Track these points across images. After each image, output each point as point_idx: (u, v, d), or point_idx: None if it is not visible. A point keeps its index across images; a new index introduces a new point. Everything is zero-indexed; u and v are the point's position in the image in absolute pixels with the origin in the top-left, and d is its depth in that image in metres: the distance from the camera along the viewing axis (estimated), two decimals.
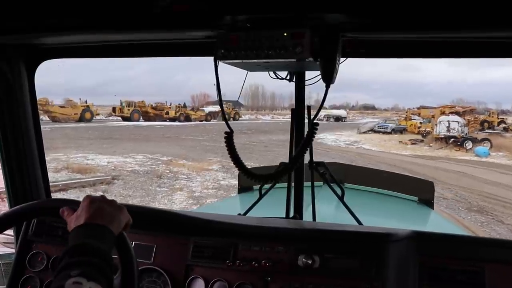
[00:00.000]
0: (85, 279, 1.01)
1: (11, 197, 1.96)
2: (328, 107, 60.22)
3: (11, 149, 1.90)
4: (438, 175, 15.64)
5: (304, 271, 1.54)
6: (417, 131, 33.34)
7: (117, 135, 26.54)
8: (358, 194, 3.56)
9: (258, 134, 29.27)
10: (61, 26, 1.47)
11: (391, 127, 35.41)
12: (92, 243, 1.12)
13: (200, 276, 1.63)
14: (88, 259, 1.07)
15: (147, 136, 26.51)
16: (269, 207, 2.23)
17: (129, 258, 1.27)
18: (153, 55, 1.87)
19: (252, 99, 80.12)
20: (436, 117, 31.38)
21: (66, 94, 42.99)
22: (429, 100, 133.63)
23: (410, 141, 29.28)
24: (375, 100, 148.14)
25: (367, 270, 1.49)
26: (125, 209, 1.27)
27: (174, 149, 20.58)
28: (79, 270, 1.02)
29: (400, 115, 48.13)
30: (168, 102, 46.28)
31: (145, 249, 1.71)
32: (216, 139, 24.18)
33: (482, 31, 1.28)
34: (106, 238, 1.16)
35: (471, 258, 1.52)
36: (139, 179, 13.84)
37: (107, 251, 1.12)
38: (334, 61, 1.37)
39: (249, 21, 1.34)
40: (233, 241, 1.64)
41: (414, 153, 24.01)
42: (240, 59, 1.36)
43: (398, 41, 1.52)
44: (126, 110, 41.22)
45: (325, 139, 29.41)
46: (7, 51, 1.76)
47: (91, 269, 1.04)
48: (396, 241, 1.55)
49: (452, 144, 26.94)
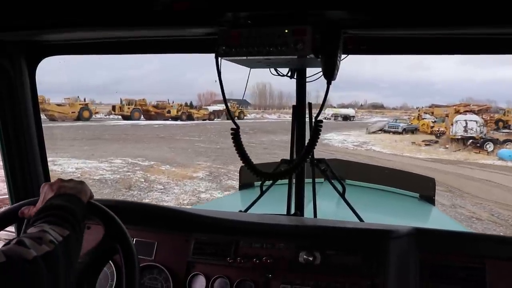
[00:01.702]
0: (47, 224, 1.02)
1: (12, 194, 1.96)
2: (336, 106, 58.77)
3: (12, 146, 1.90)
4: (463, 185, 13.43)
5: (305, 267, 1.54)
6: (429, 131, 31.46)
7: (108, 135, 24.89)
8: (359, 191, 3.56)
9: (261, 134, 27.86)
10: (62, 22, 1.47)
11: (402, 127, 33.44)
12: (55, 202, 1.14)
13: (201, 273, 1.63)
14: (52, 212, 1.09)
15: (139, 137, 24.81)
16: (270, 204, 2.23)
17: (131, 254, 1.28)
18: (154, 52, 1.87)
19: (259, 97, 79.25)
20: (450, 116, 29.28)
21: (75, 93, 42.25)
22: (437, 99, 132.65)
23: (424, 142, 26.88)
24: (383, 99, 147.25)
25: (368, 267, 1.49)
26: (84, 182, 1.29)
27: (162, 151, 18.92)
28: (42, 220, 1.05)
29: (409, 114, 46.37)
30: (178, 100, 44.88)
31: (146, 245, 1.71)
32: (213, 140, 23.13)
33: (484, 27, 1.27)
34: (73, 201, 1.17)
35: (472, 254, 1.52)
36: (103, 190, 11.70)
37: (73, 208, 1.13)
38: (335, 57, 1.37)
39: (250, 17, 1.34)
40: (234, 238, 1.65)
41: (430, 156, 21.62)
42: (241, 56, 1.36)
43: (399, 37, 1.51)
44: (126, 109, 40.07)
45: (332, 139, 27.49)
46: (8, 47, 1.76)
47: (53, 218, 1.06)
48: (397, 238, 1.55)
49: (471, 146, 24.56)
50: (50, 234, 0.99)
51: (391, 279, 1.48)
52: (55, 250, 0.96)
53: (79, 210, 1.16)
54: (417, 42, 1.53)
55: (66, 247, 1.01)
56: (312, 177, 2.07)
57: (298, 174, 2.02)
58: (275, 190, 2.17)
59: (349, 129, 35.01)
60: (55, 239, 0.98)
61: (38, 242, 0.94)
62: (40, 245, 0.94)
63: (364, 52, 1.59)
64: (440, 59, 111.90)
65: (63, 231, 1.03)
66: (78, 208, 1.16)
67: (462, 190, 12.00)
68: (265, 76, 2.52)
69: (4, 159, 1.93)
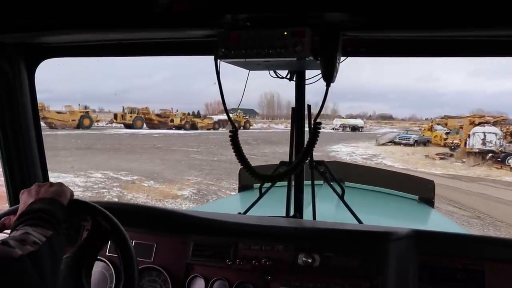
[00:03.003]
0: (29, 227, 1.04)
1: (11, 196, 1.96)
2: (345, 116, 57.76)
3: (11, 148, 1.90)
4: (493, 210, 11.06)
5: (304, 270, 1.54)
6: (443, 143, 29.22)
7: (100, 145, 22.98)
8: (358, 193, 3.56)
9: (264, 145, 26.23)
10: (61, 24, 1.47)
11: (413, 138, 31.27)
12: (35, 206, 1.14)
13: (200, 275, 1.63)
14: (31, 216, 1.09)
15: (133, 147, 22.95)
16: (269, 206, 2.23)
17: (129, 256, 1.27)
18: (154, 54, 1.87)
19: (268, 107, 78.57)
20: (465, 127, 26.63)
21: (85, 101, 41.31)
22: (446, 110, 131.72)
23: (438, 156, 24.48)
24: (392, 110, 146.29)
25: (367, 269, 1.49)
26: (63, 183, 1.28)
27: (153, 164, 17.13)
28: (23, 224, 1.06)
29: (419, 125, 44.71)
30: (187, 109, 43.34)
31: (145, 248, 1.71)
32: (212, 151, 21.44)
33: (483, 29, 1.27)
34: (52, 204, 1.17)
35: (471, 256, 1.52)
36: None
37: (53, 210, 1.14)
38: (334, 60, 1.37)
39: (250, 19, 1.34)
40: (233, 240, 1.64)
41: (446, 172, 19.29)
42: (240, 58, 1.36)
43: (398, 39, 1.52)
44: (128, 117, 38.74)
45: (340, 151, 25.32)
46: (7, 49, 1.76)
47: (35, 220, 1.07)
48: (396, 240, 1.55)
49: (491, 160, 22.16)
50: (33, 235, 1.01)
51: (390, 281, 1.48)
52: (40, 249, 0.98)
53: (59, 211, 1.17)
54: (416, 44, 1.54)
55: (50, 246, 1.02)
56: (311, 179, 2.07)
57: (297, 176, 2.02)
58: (274, 192, 2.16)
59: (357, 141, 33.16)
60: (39, 240, 1.00)
61: (22, 243, 0.96)
62: (24, 246, 0.95)
63: (363, 54, 1.59)
64: (450, 70, 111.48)
65: (45, 231, 1.04)
66: (58, 210, 1.17)
67: (493, 217, 10.05)
68: (273, 86, 2.50)
69: (3, 161, 1.92)
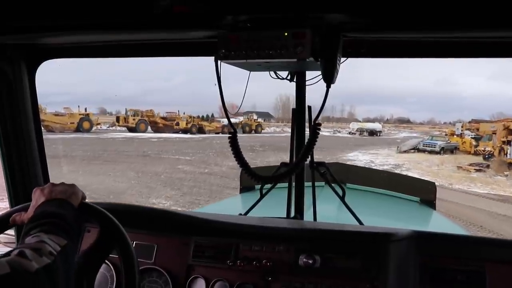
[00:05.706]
0: (44, 233, 1.04)
1: (12, 197, 1.96)
2: (362, 120, 54.45)
3: (12, 149, 1.90)
4: None
5: (305, 271, 1.54)
6: (473, 150, 25.69)
7: (81, 151, 20.56)
8: (359, 194, 3.55)
9: (270, 151, 22.67)
10: (61, 26, 1.47)
11: (439, 145, 27.47)
12: (49, 209, 1.15)
13: (201, 276, 1.63)
14: (45, 221, 1.10)
15: (117, 154, 20.53)
16: (270, 207, 2.23)
17: (130, 257, 1.27)
18: (154, 55, 1.87)
19: (283, 110, 77.75)
20: (499, 133, 22.87)
21: (103, 103, 40.07)
22: (465, 114, 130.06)
23: (472, 167, 20.46)
24: (409, 113, 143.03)
25: (368, 270, 1.49)
26: (75, 185, 1.29)
27: (122, 178, 14.43)
28: (37, 229, 1.06)
29: (438, 129, 41.91)
30: (202, 112, 40.60)
31: (146, 248, 1.71)
32: (205, 161, 19.19)
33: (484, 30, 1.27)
34: (65, 207, 1.18)
35: (472, 258, 1.51)
36: None
37: (66, 215, 1.15)
38: (334, 61, 1.37)
39: (250, 21, 1.34)
40: (234, 241, 1.64)
41: (491, 190, 15.33)
42: (241, 59, 1.36)
43: (399, 41, 1.52)
44: (131, 120, 36.60)
45: (356, 160, 21.61)
46: (8, 50, 1.77)
47: (48, 226, 1.08)
48: (397, 241, 1.55)
49: None
50: (48, 244, 1.01)
51: (391, 282, 1.48)
52: (55, 261, 0.99)
53: (71, 215, 1.18)
54: (416, 45, 1.54)
55: (65, 257, 1.04)
56: (312, 181, 2.07)
57: (298, 177, 2.02)
58: (275, 194, 2.16)
59: (376, 147, 29.93)
60: (54, 249, 1.01)
61: (39, 254, 0.96)
62: (41, 257, 0.96)
63: (364, 56, 1.60)
64: (469, 74, 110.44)
65: (60, 240, 1.05)
66: (70, 213, 1.17)
67: None
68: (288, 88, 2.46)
69: (3, 162, 1.93)
